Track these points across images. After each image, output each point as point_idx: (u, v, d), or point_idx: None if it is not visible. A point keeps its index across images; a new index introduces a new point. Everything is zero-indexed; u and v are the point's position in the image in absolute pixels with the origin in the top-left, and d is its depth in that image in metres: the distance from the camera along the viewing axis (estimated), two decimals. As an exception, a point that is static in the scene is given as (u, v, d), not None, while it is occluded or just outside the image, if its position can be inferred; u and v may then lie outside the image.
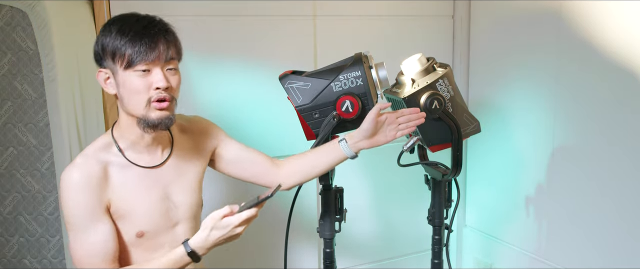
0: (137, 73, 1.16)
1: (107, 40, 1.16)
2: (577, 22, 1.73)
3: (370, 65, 1.37)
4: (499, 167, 2.16)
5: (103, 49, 1.18)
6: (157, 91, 1.17)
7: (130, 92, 1.17)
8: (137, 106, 1.18)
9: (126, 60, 1.15)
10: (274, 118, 1.97)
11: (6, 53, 1.61)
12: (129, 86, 1.16)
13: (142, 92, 1.16)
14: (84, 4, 1.68)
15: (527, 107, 1.97)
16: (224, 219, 1.16)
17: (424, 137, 1.52)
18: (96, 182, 1.20)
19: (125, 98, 1.18)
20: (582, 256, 1.80)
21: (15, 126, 1.66)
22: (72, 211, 1.19)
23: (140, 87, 1.16)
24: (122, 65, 1.16)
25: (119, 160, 1.24)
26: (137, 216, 1.26)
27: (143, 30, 1.16)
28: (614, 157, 1.66)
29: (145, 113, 1.18)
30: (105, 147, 1.25)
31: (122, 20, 1.18)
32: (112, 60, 1.17)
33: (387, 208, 2.27)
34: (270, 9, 1.92)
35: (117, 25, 1.17)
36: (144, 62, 1.15)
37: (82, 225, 1.19)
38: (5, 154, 1.67)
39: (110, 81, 1.20)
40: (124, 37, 1.15)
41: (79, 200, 1.18)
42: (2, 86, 1.63)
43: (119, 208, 1.23)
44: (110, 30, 1.17)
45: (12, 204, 1.69)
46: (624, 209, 1.65)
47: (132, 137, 1.24)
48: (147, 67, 1.16)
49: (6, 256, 1.71)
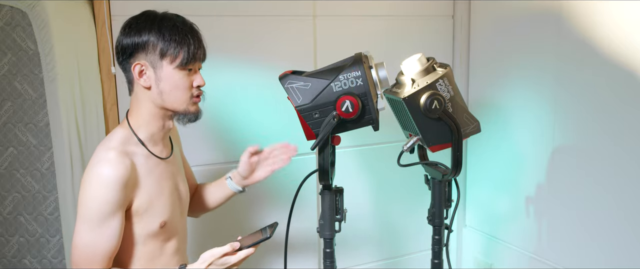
0: (184, 72, 1.26)
1: (153, 35, 1.23)
2: (577, 22, 1.73)
3: (370, 65, 1.37)
4: (499, 167, 2.16)
5: (145, 44, 1.23)
6: (197, 89, 1.29)
7: (174, 88, 1.26)
8: (179, 100, 1.27)
9: (179, 59, 1.24)
10: (274, 118, 1.97)
11: (6, 53, 1.61)
12: (173, 82, 1.25)
13: (186, 88, 1.27)
14: (84, 4, 1.68)
15: (527, 107, 1.97)
16: (224, 258, 1.23)
17: (424, 137, 1.51)
18: (128, 180, 1.22)
19: (166, 92, 1.26)
20: (582, 256, 1.80)
21: (15, 126, 1.66)
22: (94, 205, 1.20)
23: (185, 84, 1.26)
24: (172, 63, 1.24)
25: (141, 151, 1.29)
26: (160, 205, 1.31)
27: (191, 32, 1.27)
28: (614, 157, 1.66)
29: (186, 107, 1.28)
30: (127, 139, 1.28)
31: (167, 20, 1.26)
32: (159, 57, 1.23)
33: (387, 208, 2.27)
34: (270, 9, 1.92)
35: (165, 23, 1.24)
36: (193, 62, 1.26)
37: (98, 220, 1.21)
38: (5, 154, 1.67)
39: (148, 74, 1.25)
40: (176, 37, 1.23)
41: (106, 197, 1.20)
42: (2, 86, 1.63)
43: (142, 203, 1.27)
44: (156, 28, 1.23)
45: (12, 204, 1.69)
46: (624, 209, 1.65)
47: (153, 129, 1.31)
48: (192, 66, 1.27)
49: (6, 256, 1.71)
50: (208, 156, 1.89)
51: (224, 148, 1.92)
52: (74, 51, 1.64)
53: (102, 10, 1.69)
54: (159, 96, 1.26)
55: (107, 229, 1.21)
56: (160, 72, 1.25)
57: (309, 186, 1.74)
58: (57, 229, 1.70)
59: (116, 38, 1.30)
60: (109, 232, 1.22)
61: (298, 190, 1.50)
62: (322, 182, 1.44)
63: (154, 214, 1.30)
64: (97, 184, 1.20)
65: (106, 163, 1.21)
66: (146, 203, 1.28)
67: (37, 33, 1.59)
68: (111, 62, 1.72)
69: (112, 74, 1.73)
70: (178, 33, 1.24)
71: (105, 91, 1.73)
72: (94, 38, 1.69)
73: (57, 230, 1.70)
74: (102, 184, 1.19)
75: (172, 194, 1.36)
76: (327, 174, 1.41)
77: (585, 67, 1.72)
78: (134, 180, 1.25)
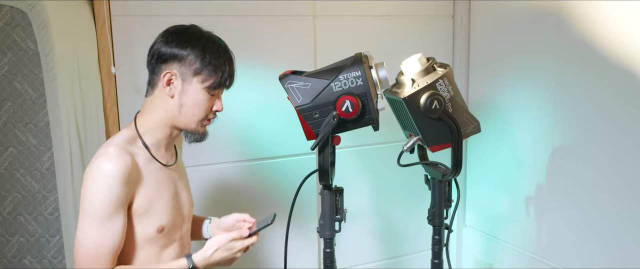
0: (209, 95, 1.27)
1: (193, 53, 1.24)
2: (577, 22, 1.73)
3: (370, 65, 1.37)
4: (499, 167, 2.16)
5: (184, 57, 1.24)
6: (214, 114, 1.32)
7: (195, 105, 1.27)
8: (194, 118, 1.29)
9: (210, 81, 1.26)
10: (274, 118, 1.97)
11: (6, 53, 1.61)
12: (196, 100, 1.27)
13: (205, 110, 1.29)
14: (84, 4, 1.68)
15: (527, 107, 1.97)
16: (231, 242, 1.27)
17: (424, 137, 1.52)
18: (128, 176, 1.22)
19: (186, 107, 1.27)
20: (582, 256, 1.80)
21: (15, 126, 1.66)
22: (96, 200, 1.20)
23: (206, 106, 1.28)
24: (203, 83, 1.26)
25: (144, 154, 1.29)
26: (159, 210, 1.31)
27: (229, 61, 1.29)
28: (614, 157, 1.66)
29: (197, 127, 1.30)
30: (132, 140, 1.29)
31: (212, 42, 1.28)
32: (192, 73, 1.25)
33: (387, 208, 2.27)
34: (270, 9, 1.92)
35: (210, 46, 1.26)
36: (220, 88, 1.29)
37: (102, 217, 1.20)
38: (5, 154, 1.67)
39: (175, 85, 1.26)
40: (216, 61, 1.25)
41: (108, 193, 1.20)
42: (2, 86, 1.63)
43: (142, 203, 1.27)
44: (200, 46, 1.25)
45: (12, 204, 1.69)
46: (624, 209, 1.65)
47: (160, 136, 1.31)
48: (218, 92, 1.30)
49: (6, 256, 1.71)
50: (208, 155, 1.89)
51: (223, 148, 1.92)
52: (74, 51, 1.64)
53: (102, 10, 1.69)
54: (178, 108, 1.27)
55: (112, 225, 1.21)
56: (187, 87, 1.26)
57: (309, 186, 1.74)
58: (57, 229, 1.70)
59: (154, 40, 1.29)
60: (114, 228, 1.22)
61: (298, 190, 1.50)
62: (322, 182, 1.44)
63: (152, 217, 1.30)
64: (98, 180, 1.20)
65: (106, 158, 1.21)
66: (146, 204, 1.28)
67: (37, 33, 1.59)
68: (111, 62, 1.72)
69: (112, 74, 1.73)
70: (218, 58, 1.26)
71: (105, 91, 1.73)
72: (94, 38, 1.69)
73: (57, 230, 1.70)
74: (103, 179, 1.19)
75: (173, 201, 1.35)
76: (327, 174, 1.41)
77: (585, 67, 1.72)
78: (135, 176, 1.25)
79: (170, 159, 1.37)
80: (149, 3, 1.74)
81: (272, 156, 2.02)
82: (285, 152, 2.03)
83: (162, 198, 1.31)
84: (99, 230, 1.20)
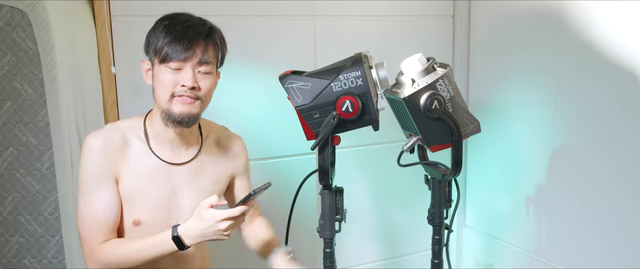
0: (169, 69, 1.23)
1: (154, 34, 1.25)
2: (577, 22, 1.73)
3: (370, 65, 1.37)
4: (499, 167, 2.16)
5: (148, 42, 1.26)
6: (183, 89, 1.23)
7: (159, 85, 1.25)
8: (162, 99, 1.25)
9: (162, 55, 1.22)
10: (274, 118, 1.97)
11: (6, 53, 1.61)
12: (159, 80, 1.24)
13: (168, 86, 1.23)
14: (84, 4, 1.68)
15: (527, 107, 1.97)
16: (209, 211, 1.19)
17: (424, 137, 1.51)
18: (113, 150, 1.26)
19: (156, 90, 1.27)
20: (582, 256, 1.80)
21: (15, 126, 1.66)
22: (85, 173, 1.25)
23: (168, 82, 1.23)
24: (159, 59, 1.24)
25: (141, 144, 1.31)
26: (138, 203, 1.31)
27: (185, 31, 1.23)
28: (614, 157, 1.66)
29: (168, 107, 1.25)
30: (135, 127, 1.33)
31: (173, 18, 1.26)
32: (154, 54, 1.24)
33: (387, 208, 2.27)
34: (270, 9, 1.91)
35: (166, 21, 1.25)
36: (176, 60, 1.22)
37: (90, 188, 1.25)
38: (5, 154, 1.67)
39: (150, 72, 1.29)
40: (168, 35, 1.22)
41: (93, 163, 1.25)
42: (2, 86, 1.63)
43: (122, 188, 1.29)
44: (159, 26, 1.25)
45: (12, 204, 1.69)
46: (624, 209, 1.65)
47: (157, 128, 1.32)
48: (179, 65, 1.23)
49: (6, 256, 1.71)
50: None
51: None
52: (74, 51, 1.64)
53: (102, 10, 1.69)
54: (154, 93, 1.29)
55: (99, 196, 1.25)
56: (154, 70, 1.27)
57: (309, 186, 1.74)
58: (57, 229, 1.70)
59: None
60: (102, 200, 1.25)
61: (298, 190, 1.50)
62: (322, 182, 1.43)
63: (130, 208, 1.30)
64: (85, 153, 1.26)
65: (97, 134, 1.27)
66: (125, 189, 1.29)
67: (37, 33, 1.59)
68: (111, 62, 1.72)
69: (112, 74, 1.73)
70: (172, 31, 1.23)
71: (105, 91, 1.73)
72: (94, 38, 1.69)
73: (57, 230, 1.70)
74: (90, 152, 1.26)
75: (163, 201, 1.33)
76: (327, 174, 1.41)
77: (585, 67, 1.72)
78: (118, 153, 1.27)
79: (176, 158, 1.35)
80: (149, 3, 1.74)
81: (272, 156, 2.02)
82: (285, 152, 2.03)
83: (147, 192, 1.31)
84: (89, 202, 1.26)
